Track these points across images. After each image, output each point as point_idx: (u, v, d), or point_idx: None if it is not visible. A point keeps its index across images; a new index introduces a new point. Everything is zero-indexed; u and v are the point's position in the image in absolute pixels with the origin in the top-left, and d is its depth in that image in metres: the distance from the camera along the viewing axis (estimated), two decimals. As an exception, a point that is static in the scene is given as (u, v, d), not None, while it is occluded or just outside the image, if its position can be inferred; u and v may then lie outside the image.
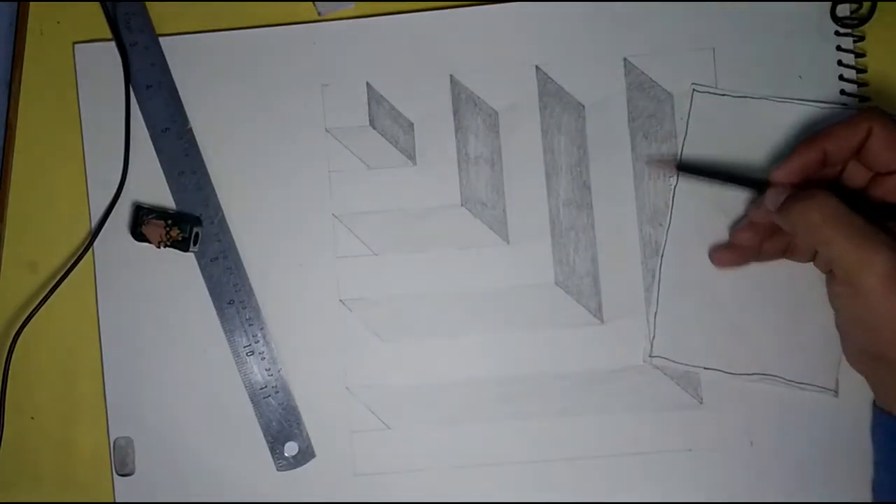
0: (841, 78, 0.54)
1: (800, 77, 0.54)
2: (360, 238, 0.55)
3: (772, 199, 0.50)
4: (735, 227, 0.53)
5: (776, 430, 0.53)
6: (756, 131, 0.54)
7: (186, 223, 0.54)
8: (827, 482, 0.53)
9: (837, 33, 0.54)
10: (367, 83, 0.55)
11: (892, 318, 0.46)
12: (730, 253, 0.53)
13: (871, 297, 0.46)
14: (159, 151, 0.55)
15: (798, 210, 0.48)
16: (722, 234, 0.54)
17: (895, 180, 0.49)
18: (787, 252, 0.53)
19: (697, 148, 0.54)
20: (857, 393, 0.52)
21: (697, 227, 0.54)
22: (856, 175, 0.51)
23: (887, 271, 0.45)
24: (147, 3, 0.56)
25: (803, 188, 0.49)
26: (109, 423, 0.55)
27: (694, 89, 0.54)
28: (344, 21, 0.56)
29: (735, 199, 0.54)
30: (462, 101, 0.55)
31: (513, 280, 0.55)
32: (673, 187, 0.54)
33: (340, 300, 0.55)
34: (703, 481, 0.54)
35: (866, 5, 0.54)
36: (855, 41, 0.54)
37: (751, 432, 0.53)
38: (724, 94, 0.54)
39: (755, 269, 0.53)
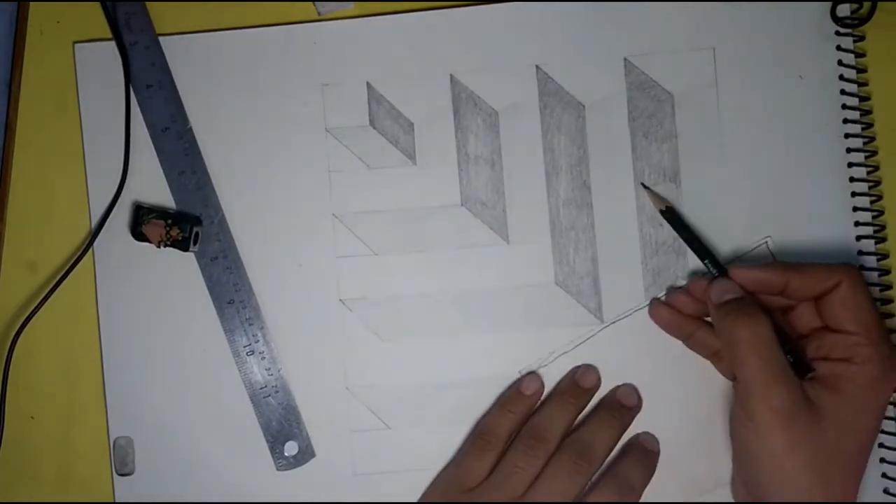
0: (841, 78, 0.54)
1: (800, 77, 0.54)
2: (360, 238, 0.55)
3: (717, 291, 0.50)
4: (672, 289, 0.54)
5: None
6: None
7: (186, 223, 0.54)
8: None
9: (837, 33, 0.54)
10: (367, 83, 0.55)
11: (772, 455, 0.46)
12: (667, 312, 0.53)
13: (761, 430, 0.46)
14: (159, 151, 0.55)
15: (730, 319, 0.48)
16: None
17: (836, 340, 0.48)
18: (714, 356, 0.52)
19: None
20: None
21: None
22: (804, 318, 0.50)
23: (782, 408, 0.46)
24: (147, 3, 0.56)
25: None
26: (109, 423, 0.55)
27: (766, 243, 0.54)
28: (344, 21, 0.56)
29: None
30: (462, 100, 0.55)
31: (513, 280, 0.55)
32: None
33: (340, 300, 0.55)
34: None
35: (866, 5, 0.54)
36: (855, 41, 0.54)
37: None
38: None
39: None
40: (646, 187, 0.54)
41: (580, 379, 0.53)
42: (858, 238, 0.54)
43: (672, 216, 0.53)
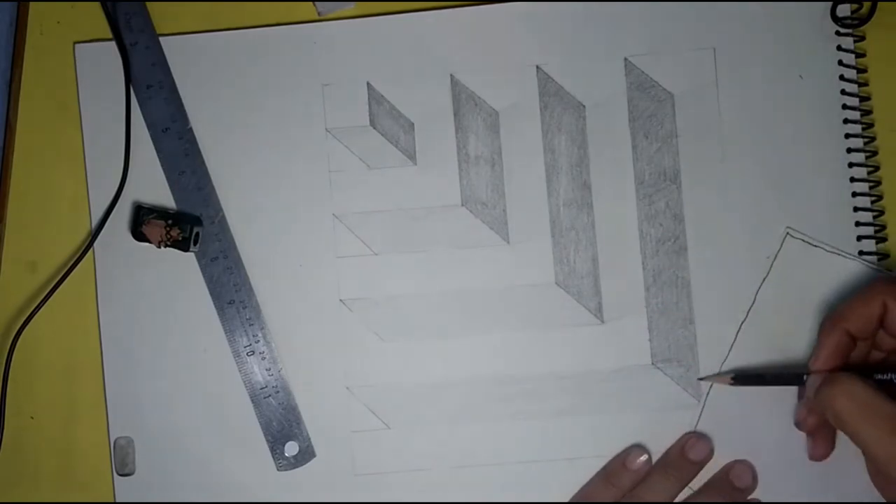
0: (841, 78, 0.54)
1: (800, 77, 0.54)
2: (360, 238, 0.55)
3: (810, 387, 0.49)
4: (797, 415, 0.52)
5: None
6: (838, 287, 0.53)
7: (186, 223, 0.54)
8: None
9: (838, 33, 0.54)
10: (368, 83, 0.55)
11: None
12: (818, 444, 0.51)
13: None
14: (159, 151, 0.55)
15: (824, 397, 0.47)
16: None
17: None
18: None
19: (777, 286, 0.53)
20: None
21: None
22: (886, 342, 0.50)
23: None
24: (147, 3, 0.56)
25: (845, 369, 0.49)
26: (109, 423, 0.55)
27: (788, 233, 0.53)
28: (344, 21, 0.56)
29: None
30: (462, 100, 0.55)
31: (513, 280, 0.55)
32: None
33: (340, 300, 0.55)
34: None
35: (866, 5, 0.54)
36: (855, 41, 0.54)
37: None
38: (816, 246, 0.53)
39: None
40: (703, 379, 0.53)
41: (689, 450, 0.52)
42: (859, 238, 0.54)
43: (743, 377, 0.52)
